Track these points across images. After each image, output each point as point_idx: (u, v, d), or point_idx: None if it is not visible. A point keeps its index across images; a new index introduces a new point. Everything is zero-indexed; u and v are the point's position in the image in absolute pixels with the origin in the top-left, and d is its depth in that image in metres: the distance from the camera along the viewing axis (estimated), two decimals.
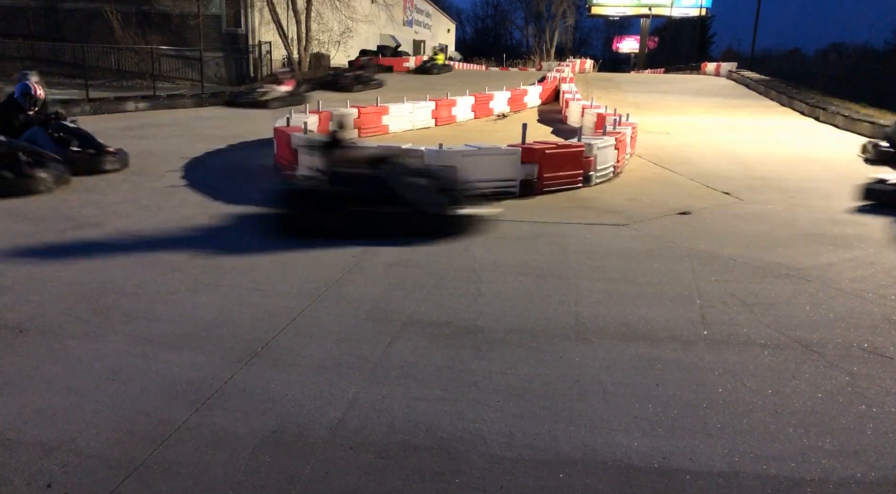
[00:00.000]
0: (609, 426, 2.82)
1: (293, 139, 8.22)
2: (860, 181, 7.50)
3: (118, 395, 2.97)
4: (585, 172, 8.12)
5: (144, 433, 2.67)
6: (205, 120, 14.25)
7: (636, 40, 51.13)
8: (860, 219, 6.68)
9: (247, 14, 24.70)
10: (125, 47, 22.04)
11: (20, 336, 3.57)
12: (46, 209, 6.33)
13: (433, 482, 2.43)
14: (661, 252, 5.44)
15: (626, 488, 2.42)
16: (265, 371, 3.24)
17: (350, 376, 3.21)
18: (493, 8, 71.98)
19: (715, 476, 2.49)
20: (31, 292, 4.21)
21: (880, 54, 32.78)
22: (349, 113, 11.40)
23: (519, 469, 2.51)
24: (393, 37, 38.49)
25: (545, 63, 40.24)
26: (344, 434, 2.72)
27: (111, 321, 3.79)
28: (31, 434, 2.65)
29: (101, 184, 7.61)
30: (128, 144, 10.57)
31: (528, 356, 3.48)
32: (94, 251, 5.12)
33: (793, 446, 2.70)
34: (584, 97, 15.93)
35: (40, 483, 2.36)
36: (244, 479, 2.41)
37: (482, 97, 15.89)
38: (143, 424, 2.74)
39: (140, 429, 2.70)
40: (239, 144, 10.92)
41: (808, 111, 17.06)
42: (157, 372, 3.19)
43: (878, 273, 4.95)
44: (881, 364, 3.46)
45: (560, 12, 54.86)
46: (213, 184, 7.76)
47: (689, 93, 22.05)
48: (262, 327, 3.75)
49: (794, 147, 11.95)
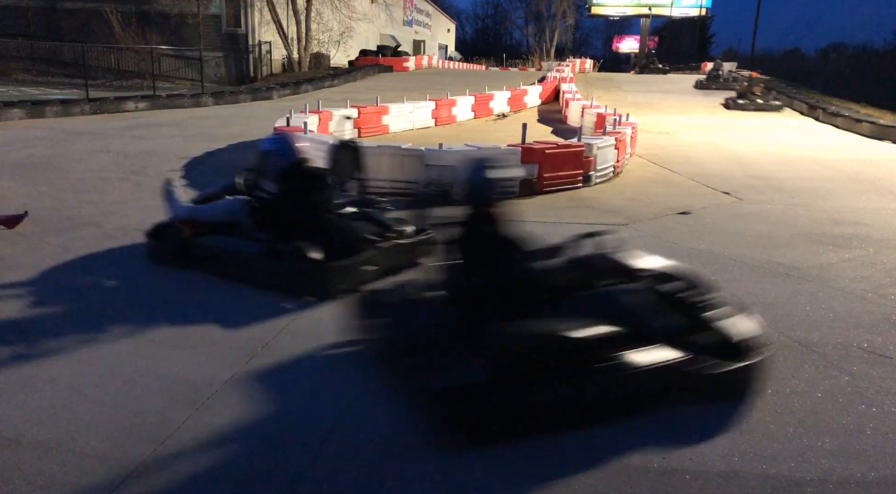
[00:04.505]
0: (609, 426, 2.82)
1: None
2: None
3: (118, 395, 2.97)
4: (585, 171, 8.12)
5: (144, 433, 2.67)
6: (205, 120, 14.24)
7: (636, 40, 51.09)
8: (860, 219, 6.68)
9: (247, 14, 24.69)
10: (125, 47, 22.04)
11: (20, 336, 3.56)
12: (46, 208, 6.32)
13: (433, 482, 2.43)
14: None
15: (626, 488, 2.42)
16: (265, 371, 3.24)
17: (350, 376, 3.21)
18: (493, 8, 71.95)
19: (715, 476, 2.49)
20: (31, 292, 4.20)
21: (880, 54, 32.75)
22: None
23: (519, 469, 2.51)
24: (393, 37, 38.48)
25: (545, 63, 40.20)
26: (344, 434, 2.72)
27: (111, 321, 3.79)
28: (31, 434, 2.65)
29: (100, 184, 7.61)
30: (128, 144, 10.60)
31: None
32: (93, 251, 5.12)
33: (792, 446, 2.70)
34: (584, 97, 15.93)
35: (40, 482, 2.36)
36: (244, 479, 2.41)
37: (482, 97, 15.88)
38: (143, 424, 2.73)
39: (140, 429, 2.70)
40: (239, 144, 10.91)
41: (807, 111, 17.07)
42: (157, 372, 3.18)
43: (878, 273, 4.95)
44: (881, 364, 3.46)
45: (560, 12, 54.84)
46: (213, 184, 7.73)
47: (689, 93, 22.05)
48: (263, 326, 3.75)
49: (794, 147, 11.95)
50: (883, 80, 20.74)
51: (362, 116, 12.01)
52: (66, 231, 5.63)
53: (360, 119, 11.95)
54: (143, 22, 23.56)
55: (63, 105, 14.20)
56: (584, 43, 67.07)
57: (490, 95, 16.22)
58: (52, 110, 13.89)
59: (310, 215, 4.43)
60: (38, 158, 9.07)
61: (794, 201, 7.57)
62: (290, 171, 4.51)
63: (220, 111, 16.17)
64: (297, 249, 4.15)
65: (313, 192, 4.51)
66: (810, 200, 7.63)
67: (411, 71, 30.41)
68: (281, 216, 4.46)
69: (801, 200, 7.62)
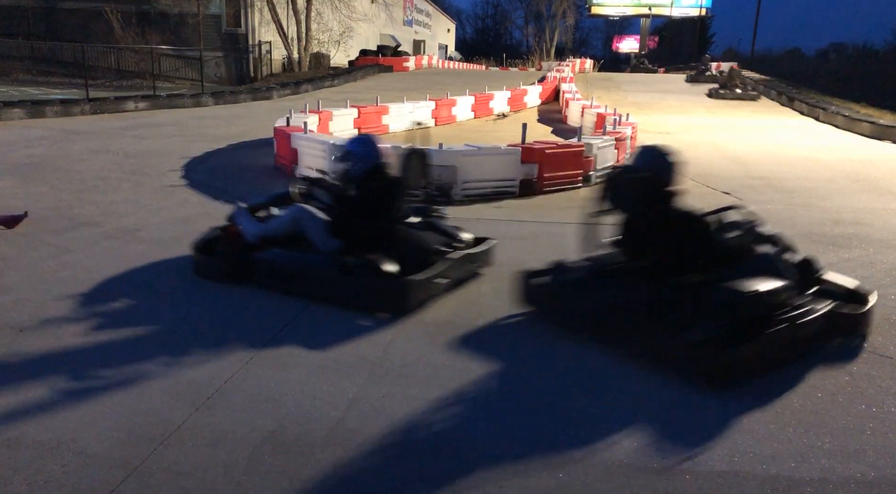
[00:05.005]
0: (609, 426, 2.82)
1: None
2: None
3: (118, 395, 2.97)
4: (585, 172, 8.12)
5: (144, 433, 2.67)
6: (205, 120, 14.25)
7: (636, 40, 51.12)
8: (860, 219, 6.68)
9: (247, 14, 24.71)
10: (125, 47, 22.06)
11: (20, 336, 3.57)
12: (46, 208, 6.33)
13: (433, 482, 2.43)
14: None
15: (626, 488, 2.42)
16: (265, 371, 3.24)
17: (350, 376, 3.21)
18: (493, 8, 71.99)
19: (715, 476, 2.49)
20: (31, 292, 4.21)
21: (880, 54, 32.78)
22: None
23: (519, 469, 2.51)
24: (393, 37, 38.50)
25: (545, 63, 40.23)
26: (344, 434, 2.72)
27: (111, 321, 3.79)
28: (31, 434, 2.65)
29: (100, 184, 7.61)
30: (128, 144, 10.61)
31: (528, 356, 3.48)
32: (93, 251, 5.12)
33: (793, 446, 2.70)
34: (584, 97, 15.93)
35: (40, 482, 2.36)
36: (244, 479, 2.41)
37: (482, 97, 15.88)
38: (143, 424, 2.73)
39: (140, 429, 2.70)
40: (239, 143, 10.92)
41: (807, 111, 17.06)
42: (157, 372, 3.18)
43: (878, 273, 4.95)
44: (881, 364, 3.46)
45: (560, 12, 54.84)
46: (213, 184, 7.76)
47: (689, 93, 22.06)
48: (263, 326, 3.75)
49: (793, 147, 11.95)
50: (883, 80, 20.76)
51: (362, 115, 12.01)
52: (66, 231, 5.64)
53: (360, 119, 11.96)
54: (143, 22, 23.58)
55: (63, 105, 14.20)
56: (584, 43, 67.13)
57: (490, 95, 16.22)
58: (52, 110, 13.89)
59: (383, 225, 4.21)
60: (38, 158, 9.07)
61: (794, 201, 7.57)
62: (370, 174, 4.27)
63: (220, 111, 16.17)
64: (370, 262, 3.91)
65: (391, 199, 4.29)
66: (810, 200, 7.63)
67: (411, 71, 30.41)
68: (352, 226, 4.20)
69: (801, 200, 7.62)
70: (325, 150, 7.60)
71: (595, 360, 3.44)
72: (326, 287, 4.07)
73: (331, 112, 11.28)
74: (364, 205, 4.23)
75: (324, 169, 7.65)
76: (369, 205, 4.23)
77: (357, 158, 4.32)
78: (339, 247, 4.15)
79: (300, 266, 4.18)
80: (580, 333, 3.62)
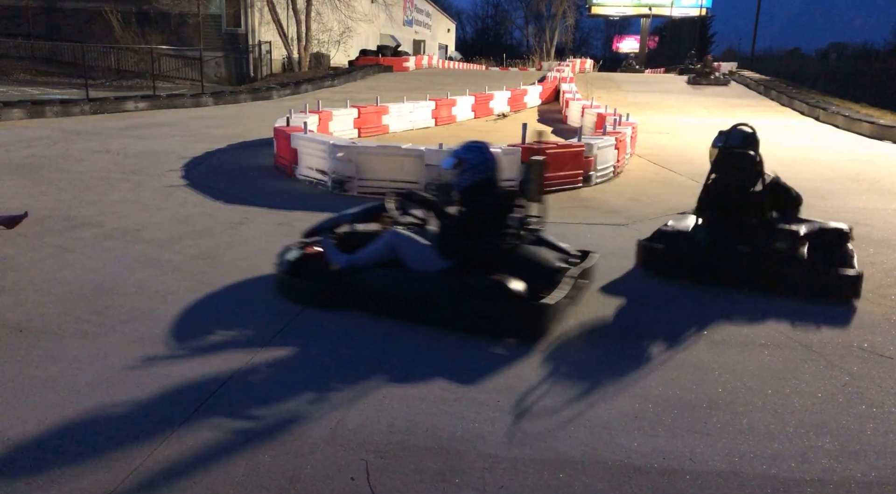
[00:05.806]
0: (609, 426, 2.82)
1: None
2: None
3: (118, 395, 2.97)
4: (585, 172, 8.12)
5: (144, 433, 2.67)
6: (205, 120, 14.25)
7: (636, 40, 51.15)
8: (860, 219, 6.67)
9: (247, 14, 24.73)
10: (125, 47, 22.07)
11: (20, 336, 3.57)
12: (46, 208, 6.32)
13: (433, 482, 2.43)
14: None
15: (626, 488, 2.42)
16: (265, 371, 3.24)
17: (350, 376, 3.21)
18: (493, 8, 72.10)
19: (715, 476, 2.49)
20: (31, 292, 4.21)
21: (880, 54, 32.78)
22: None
23: (519, 469, 2.51)
24: (393, 37, 38.52)
25: (545, 63, 40.29)
26: (344, 433, 2.72)
27: (111, 321, 3.79)
28: (31, 434, 2.65)
29: (101, 184, 7.61)
30: (128, 144, 10.61)
31: (529, 356, 3.48)
32: (94, 251, 5.12)
33: (793, 446, 2.70)
34: (584, 97, 15.93)
35: (40, 482, 2.36)
36: (244, 479, 2.41)
37: (482, 97, 15.88)
38: (143, 424, 2.74)
39: (140, 429, 2.70)
40: (239, 143, 10.92)
41: (807, 111, 17.07)
42: (157, 372, 3.19)
43: (878, 273, 4.95)
44: (881, 364, 3.46)
45: (560, 12, 54.87)
46: (213, 184, 7.76)
47: (690, 93, 22.07)
48: (263, 326, 3.75)
49: (793, 147, 11.95)
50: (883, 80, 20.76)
51: (362, 115, 12.02)
52: (66, 231, 5.63)
53: (360, 119, 11.96)
54: (143, 22, 23.60)
55: (63, 105, 14.20)
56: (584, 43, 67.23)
57: (490, 95, 16.22)
58: (52, 110, 13.89)
59: (500, 242, 3.84)
60: (38, 158, 9.07)
61: None
62: (480, 186, 3.89)
63: (219, 111, 16.17)
64: (497, 284, 3.56)
65: (505, 214, 3.93)
66: (810, 199, 7.57)
67: (411, 71, 30.41)
68: (465, 244, 3.82)
69: None
70: (325, 150, 7.60)
71: (596, 360, 3.45)
72: (443, 312, 3.71)
73: (331, 112, 11.28)
74: (475, 221, 3.83)
75: (324, 169, 7.66)
76: (481, 221, 3.83)
77: (470, 166, 3.91)
78: (449, 267, 3.82)
79: (410, 289, 3.80)
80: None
